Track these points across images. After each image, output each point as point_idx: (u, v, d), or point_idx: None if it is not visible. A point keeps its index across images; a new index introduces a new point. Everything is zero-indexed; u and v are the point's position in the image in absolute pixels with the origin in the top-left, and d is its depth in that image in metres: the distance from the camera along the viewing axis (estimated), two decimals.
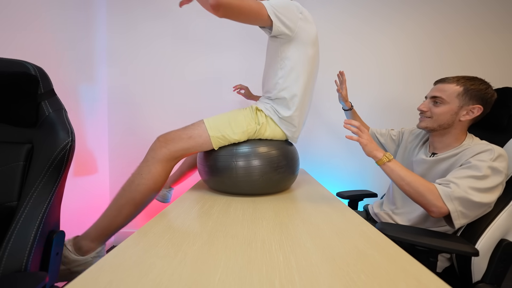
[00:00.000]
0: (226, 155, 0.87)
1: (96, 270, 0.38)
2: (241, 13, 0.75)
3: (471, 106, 0.75)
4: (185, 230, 0.56)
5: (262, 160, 0.86)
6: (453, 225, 0.69)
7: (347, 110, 1.23)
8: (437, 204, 0.67)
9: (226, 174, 0.86)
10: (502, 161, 0.69)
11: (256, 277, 0.37)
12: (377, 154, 0.75)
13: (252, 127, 0.88)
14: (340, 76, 1.18)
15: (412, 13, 1.58)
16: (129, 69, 1.64)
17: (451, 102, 0.77)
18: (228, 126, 0.86)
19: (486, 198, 0.66)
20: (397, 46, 1.60)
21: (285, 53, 0.87)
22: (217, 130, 0.86)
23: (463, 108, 0.76)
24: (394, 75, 1.61)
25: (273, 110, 0.91)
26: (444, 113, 0.78)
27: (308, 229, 0.58)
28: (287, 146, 0.95)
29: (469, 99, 0.75)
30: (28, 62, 0.65)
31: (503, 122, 0.84)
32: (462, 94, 0.75)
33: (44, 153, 0.62)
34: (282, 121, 0.91)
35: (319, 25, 1.59)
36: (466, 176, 0.68)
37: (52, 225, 0.62)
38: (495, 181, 0.67)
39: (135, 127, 1.66)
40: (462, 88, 0.76)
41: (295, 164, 0.95)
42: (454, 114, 0.77)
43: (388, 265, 0.41)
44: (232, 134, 0.86)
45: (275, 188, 0.91)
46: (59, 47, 1.25)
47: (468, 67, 1.56)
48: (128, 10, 1.62)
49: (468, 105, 0.75)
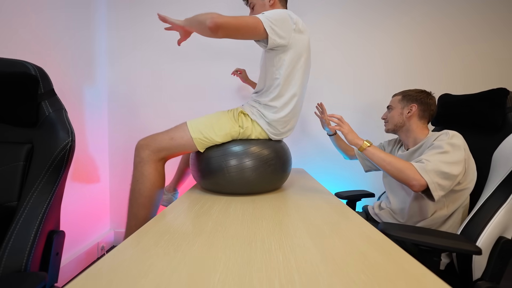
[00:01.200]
0: (217, 156, 0.88)
1: (96, 270, 0.38)
2: (239, 31, 0.77)
3: (409, 105, 0.97)
4: (185, 230, 0.56)
5: (254, 159, 0.86)
6: (433, 198, 0.78)
7: (332, 135, 1.34)
8: (416, 177, 0.77)
9: (219, 174, 0.86)
10: (458, 138, 0.82)
11: (256, 277, 0.37)
12: (358, 141, 0.90)
13: (235, 130, 0.89)
14: (319, 107, 1.27)
15: (404, 19, 1.58)
16: (129, 69, 1.65)
17: (396, 106, 1.01)
18: (211, 128, 0.88)
19: (454, 170, 0.77)
20: (383, 52, 1.60)
21: (280, 62, 0.89)
22: (199, 132, 0.87)
23: (404, 108, 0.99)
24: (394, 75, 1.61)
25: (260, 114, 0.92)
26: (393, 116, 1.01)
27: (308, 229, 0.58)
28: (277, 144, 0.96)
29: (406, 101, 0.99)
30: (28, 62, 0.65)
31: (498, 122, 0.85)
32: (401, 100, 1.01)
33: (44, 153, 0.62)
34: (270, 125, 0.92)
35: (315, 26, 1.59)
36: (433, 154, 0.81)
37: (52, 225, 0.62)
38: (458, 156, 0.79)
39: (135, 127, 1.66)
40: (401, 95, 1.01)
41: (286, 162, 0.96)
42: (400, 114, 0.99)
43: (388, 265, 0.41)
44: (214, 136, 0.87)
45: (268, 186, 0.92)
46: (59, 47, 1.25)
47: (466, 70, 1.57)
48: (129, 10, 1.62)
49: (407, 106, 0.98)
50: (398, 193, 1.00)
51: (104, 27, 1.61)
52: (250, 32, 0.79)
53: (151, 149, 0.85)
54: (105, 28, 1.62)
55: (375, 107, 1.60)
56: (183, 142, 0.87)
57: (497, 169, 0.80)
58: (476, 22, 1.56)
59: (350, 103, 1.63)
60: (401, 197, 0.98)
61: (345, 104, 1.63)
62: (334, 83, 1.63)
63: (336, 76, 1.63)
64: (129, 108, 1.66)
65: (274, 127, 0.92)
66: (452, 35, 1.57)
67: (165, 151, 0.86)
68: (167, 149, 0.86)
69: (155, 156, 0.86)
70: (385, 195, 1.12)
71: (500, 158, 0.80)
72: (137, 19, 1.63)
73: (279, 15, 0.83)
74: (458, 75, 1.58)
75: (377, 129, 1.55)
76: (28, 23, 1.08)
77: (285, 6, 1.04)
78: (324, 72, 1.63)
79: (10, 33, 1.01)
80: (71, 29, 1.33)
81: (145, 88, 1.66)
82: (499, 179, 0.78)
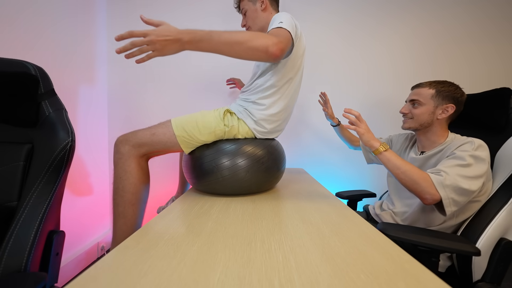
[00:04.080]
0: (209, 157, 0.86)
1: (96, 270, 0.38)
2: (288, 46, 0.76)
3: (445, 105, 0.84)
4: (185, 230, 0.56)
5: (246, 158, 0.85)
6: (444, 213, 0.73)
7: (335, 125, 1.28)
8: (430, 191, 0.72)
9: (211, 176, 0.84)
10: (483, 150, 0.75)
11: (256, 277, 0.37)
12: (374, 143, 0.80)
13: (221, 128, 0.86)
14: (323, 96, 1.22)
15: (419, 11, 1.58)
16: (129, 69, 1.65)
17: (427, 103, 0.86)
18: (196, 126, 0.85)
19: (473, 186, 0.71)
20: (390, 49, 1.60)
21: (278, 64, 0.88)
22: (183, 130, 0.84)
23: (438, 108, 0.85)
24: (386, 77, 1.61)
25: (247, 113, 0.90)
26: (422, 113, 0.87)
27: (307, 229, 0.58)
28: (270, 142, 0.94)
29: (442, 99, 0.84)
30: (28, 62, 0.65)
31: (502, 122, 0.84)
32: (435, 96, 0.85)
33: (44, 153, 0.62)
34: (256, 123, 0.90)
35: (314, 24, 1.59)
36: (453, 165, 0.74)
37: (52, 225, 0.62)
38: (480, 169, 0.72)
39: (135, 126, 1.64)
40: (434, 90, 0.85)
41: (280, 160, 0.94)
42: (431, 113, 0.85)
43: (387, 265, 0.41)
44: (198, 135, 0.85)
45: (262, 186, 0.91)
46: (59, 47, 1.25)
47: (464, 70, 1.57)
48: (129, 10, 1.62)
49: (442, 104, 0.84)
50: (403, 195, 0.95)
51: (104, 27, 1.61)
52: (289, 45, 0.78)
53: (131, 144, 0.82)
54: (106, 28, 1.62)
55: (380, 104, 1.60)
56: (165, 138, 0.84)
57: (499, 170, 0.79)
58: (482, 23, 1.55)
59: (354, 100, 1.62)
60: (406, 200, 0.92)
61: (349, 101, 1.63)
62: (338, 80, 1.63)
63: (340, 73, 1.63)
64: (129, 108, 1.66)
65: (261, 125, 0.90)
66: (457, 34, 1.57)
67: (146, 146, 0.83)
68: (148, 144, 0.83)
69: (136, 151, 0.82)
70: (387, 195, 1.07)
71: (503, 158, 0.79)
72: (137, 19, 1.62)
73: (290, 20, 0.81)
74: (463, 74, 1.58)
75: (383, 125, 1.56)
76: (28, 23, 1.08)
77: (277, 10, 1.03)
78: (326, 70, 1.62)
79: (10, 33, 1.01)
80: (71, 29, 1.33)
81: (145, 88, 1.66)
82: (501, 180, 0.77)
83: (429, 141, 0.89)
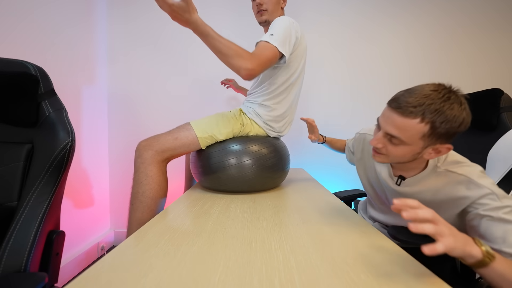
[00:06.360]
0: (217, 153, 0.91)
1: (96, 270, 0.38)
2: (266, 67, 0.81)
3: (439, 145, 0.56)
4: (185, 230, 0.56)
5: (253, 157, 0.90)
6: None
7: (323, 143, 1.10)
8: None
9: (219, 171, 0.89)
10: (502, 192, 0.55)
11: (256, 277, 0.37)
12: (473, 250, 0.40)
13: (237, 127, 0.94)
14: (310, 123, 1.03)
15: (419, 13, 1.58)
16: (129, 69, 1.64)
17: (413, 144, 0.56)
18: (216, 127, 0.92)
19: None
20: (404, 44, 1.60)
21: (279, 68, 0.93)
22: (205, 132, 0.90)
23: (428, 147, 0.57)
24: (400, 74, 1.61)
25: (255, 113, 0.98)
26: (402, 155, 0.59)
27: (307, 228, 0.58)
28: (276, 141, 0.99)
29: (436, 139, 0.55)
30: (28, 62, 0.65)
31: (493, 122, 0.86)
32: (428, 135, 0.54)
33: (44, 153, 0.62)
34: (266, 123, 0.98)
35: (323, 22, 1.59)
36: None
37: (52, 225, 0.62)
38: None
39: (135, 126, 1.66)
40: (429, 126, 0.54)
41: (285, 160, 0.99)
42: (416, 154, 0.59)
43: (387, 265, 0.41)
44: (218, 134, 0.91)
45: (267, 184, 0.95)
46: (59, 47, 1.25)
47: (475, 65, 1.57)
48: (129, 11, 1.62)
49: (435, 144, 0.56)
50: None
51: (104, 27, 1.61)
52: (273, 62, 0.83)
53: (154, 150, 0.84)
54: (105, 28, 1.62)
55: (378, 110, 1.61)
56: (188, 141, 0.89)
57: (494, 167, 0.81)
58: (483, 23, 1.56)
59: (349, 104, 1.63)
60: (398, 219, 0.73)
61: (351, 102, 1.63)
62: (335, 84, 1.63)
63: (338, 77, 1.63)
64: (129, 107, 1.66)
65: (269, 125, 0.98)
66: (456, 34, 1.57)
67: (169, 151, 0.87)
68: (171, 149, 0.87)
69: (159, 156, 0.85)
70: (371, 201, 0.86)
71: (497, 156, 0.81)
72: (138, 19, 1.63)
73: (285, 30, 0.84)
74: (465, 74, 1.58)
75: None
76: (28, 23, 1.08)
77: None
78: (324, 73, 1.63)
79: (10, 33, 1.01)
80: (71, 29, 1.33)
81: (145, 88, 1.66)
82: (498, 177, 0.78)
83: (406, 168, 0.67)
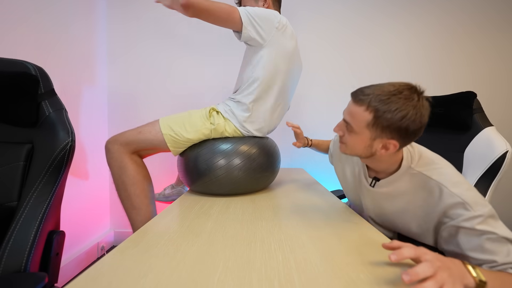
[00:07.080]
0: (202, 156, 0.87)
1: (96, 270, 0.38)
2: (211, 14, 0.78)
3: (386, 140, 0.53)
4: (185, 230, 0.56)
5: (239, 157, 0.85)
6: None
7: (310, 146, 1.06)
8: None
9: (206, 176, 0.85)
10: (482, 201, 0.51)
11: (256, 277, 0.37)
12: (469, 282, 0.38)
13: (206, 127, 0.88)
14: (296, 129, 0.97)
15: (420, 12, 1.58)
16: (129, 69, 1.64)
17: (361, 132, 0.54)
18: (182, 125, 0.87)
19: None
20: (405, 44, 1.60)
21: (257, 60, 0.88)
22: (170, 128, 0.87)
23: (376, 141, 0.54)
24: (401, 74, 1.61)
25: (232, 112, 0.90)
26: (356, 144, 0.57)
27: (307, 229, 0.58)
28: (263, 140, 0.94)
29: (381, 131, 0.52)
30: (28, 62, 0.65)
31: (468, 122, 0.90)
32: (372, 124, 0.52)
33: (44, 153, 0.62)
34: (240, 123, 0.90)
35: (321, 21, 1.59)
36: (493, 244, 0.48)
37: (52, 225, 0.62)
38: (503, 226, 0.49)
39: (135, 126, 1.66)
40: (372, 115, 0.51)
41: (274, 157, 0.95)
42: (368, 146, 0.55)
43: (387, 265, 0.41)
44: (185, 133, 0.86)
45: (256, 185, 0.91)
46: (59, 47, 1.25)
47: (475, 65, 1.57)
48: (128, 11, 1.62)
49: (381, 137, 0.53)
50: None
51: (104, 26, 1.61)
52: (223, 17, 0.79)
53: (119, 143, 0.85)
54: (105, 28, 1.62)
55: None
56: (151, 136, 0.86)
57: (472, 165, 0.85)
58: (482, 23, 1.56)
59: None
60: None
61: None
62: (332, 85, 1.63)
63: (335, 76, 1.63)
64: (129, 107, 1.66)
65: (244, 127, 0.90)
66: (457, 34, 1.57)
67: (133, 144, 0.86)
68: (135, 142, 0.86)
69: (125, 148, 0.85)
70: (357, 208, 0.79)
71: (474, 154, 0.86)
72: (137, 18, 1.62)
73: (261, 11, 0.83)
74: (466, 74, 1.58)
75: None
76: (28, 23, 1.08)
77: (279, 10, 1.02)
78: (321, 73, 1.63)
79: (10, 33, 1.01)
80: (71, 29, 1.33)
81: (145, 88, 1.66)
82: (477, 175, 0.81)
83: (378, 168, 0.63)
